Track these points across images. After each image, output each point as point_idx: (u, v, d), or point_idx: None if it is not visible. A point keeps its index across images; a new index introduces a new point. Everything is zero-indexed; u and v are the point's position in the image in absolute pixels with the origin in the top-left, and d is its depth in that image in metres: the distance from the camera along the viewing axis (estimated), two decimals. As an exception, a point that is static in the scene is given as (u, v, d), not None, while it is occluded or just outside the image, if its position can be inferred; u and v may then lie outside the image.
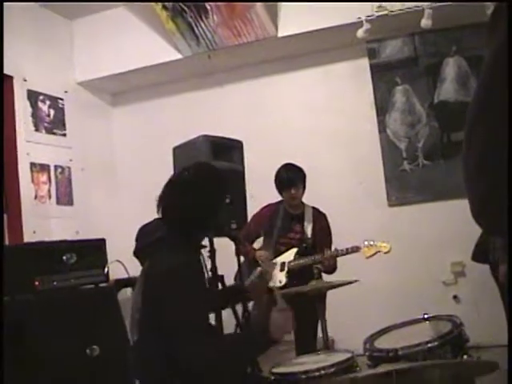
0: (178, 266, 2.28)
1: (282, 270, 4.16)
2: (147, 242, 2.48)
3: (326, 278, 3.83)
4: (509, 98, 0.77)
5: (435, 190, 5.42)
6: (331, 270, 4.05)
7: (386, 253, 4.01)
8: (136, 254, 2.52)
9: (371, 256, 4.02)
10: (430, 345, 2.28)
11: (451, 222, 4.94)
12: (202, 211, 2.44)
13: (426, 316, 2.70)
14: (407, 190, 5.57)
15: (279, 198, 4.32)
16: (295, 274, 4.04)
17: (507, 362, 1.03)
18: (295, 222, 4.28)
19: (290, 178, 4.22)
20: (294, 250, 4.18)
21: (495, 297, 4.11)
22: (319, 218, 4.30)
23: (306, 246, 4.16)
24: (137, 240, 2.54)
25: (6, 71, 4.89)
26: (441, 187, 5.35)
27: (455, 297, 5.35)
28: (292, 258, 4.16)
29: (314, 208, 4.34)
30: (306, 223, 4.25)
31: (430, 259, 5.28)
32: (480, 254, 4.28)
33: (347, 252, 4.02)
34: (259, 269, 3.75)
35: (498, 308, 3.98)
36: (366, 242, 4.02)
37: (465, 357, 2.29)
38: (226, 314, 3.30)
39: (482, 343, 4.31)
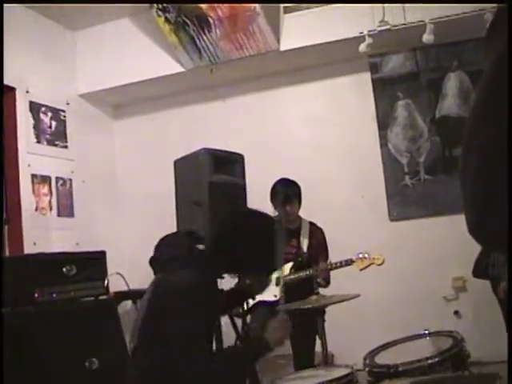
0: (194, 285, 2.27)
1: (277, 284, 4.14)
2: (167, 253, 2.47)
3: (325, 292, 3.80)
4: (508, 109, 0.76)
5: (436, 205, 5.41)
6: (325, 283, 4.03)
7: (379, 265, 4.00)
8: (151, 263, 2.50)
9: (364, 268, 4.00)
10: (430, 361, 2.27)
11: (452, 237, 4.91)
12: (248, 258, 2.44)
13: (426, 332, 2.69)
14: (408, 204, 5.55)
15: (278, 212, 4.31)
16: (292, 289, 4.00)
17: (507, 374, 1.02)
18: (292, 236, 4.27)
19: (285, 194, 4.21)
20: (290, 264, 4.16)
21: (496, 312, 4.10)
22: (316, 232, 4.29)
23: (302, 261, 4.14)
24: (156, 249, 2.52)
25: (8, 82, 4.90)
26: (442, 202, 5.33)
27: (456, 312, 5.32)
28: (287, 272, 4.15)
29: (310, 223, 4.33)
30: (302, 238, 4.24)
31: (431, 274, 5.26)
32: (480, 269, 4.28)
33: (341, 265, 4.01)
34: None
35: (499, 323, 3.97)
36: (359, 255, 4.01)
37: (466, 372, 2.28)
38: (226, 326, 3.29)
39: (483, 359, 4.28)
